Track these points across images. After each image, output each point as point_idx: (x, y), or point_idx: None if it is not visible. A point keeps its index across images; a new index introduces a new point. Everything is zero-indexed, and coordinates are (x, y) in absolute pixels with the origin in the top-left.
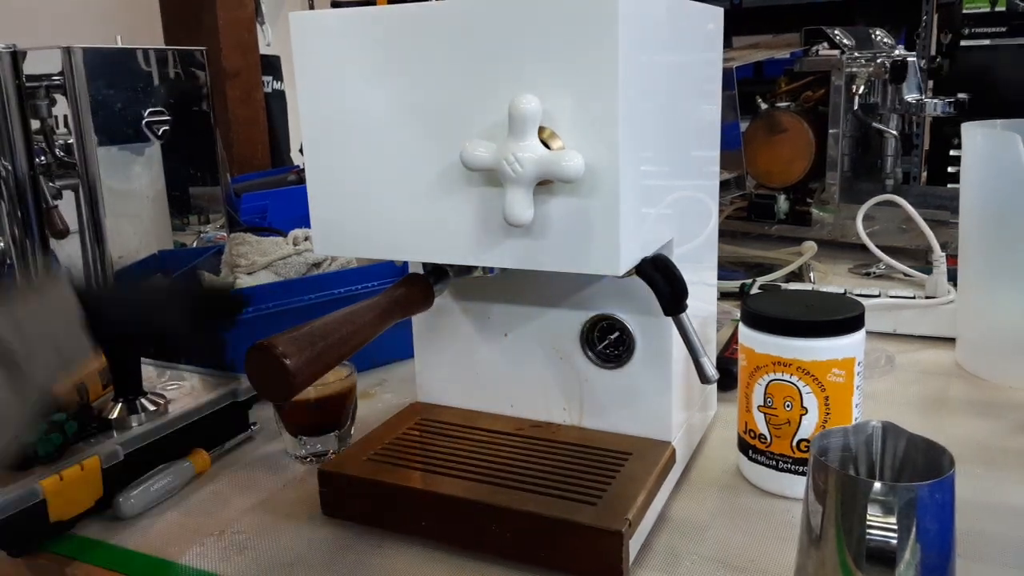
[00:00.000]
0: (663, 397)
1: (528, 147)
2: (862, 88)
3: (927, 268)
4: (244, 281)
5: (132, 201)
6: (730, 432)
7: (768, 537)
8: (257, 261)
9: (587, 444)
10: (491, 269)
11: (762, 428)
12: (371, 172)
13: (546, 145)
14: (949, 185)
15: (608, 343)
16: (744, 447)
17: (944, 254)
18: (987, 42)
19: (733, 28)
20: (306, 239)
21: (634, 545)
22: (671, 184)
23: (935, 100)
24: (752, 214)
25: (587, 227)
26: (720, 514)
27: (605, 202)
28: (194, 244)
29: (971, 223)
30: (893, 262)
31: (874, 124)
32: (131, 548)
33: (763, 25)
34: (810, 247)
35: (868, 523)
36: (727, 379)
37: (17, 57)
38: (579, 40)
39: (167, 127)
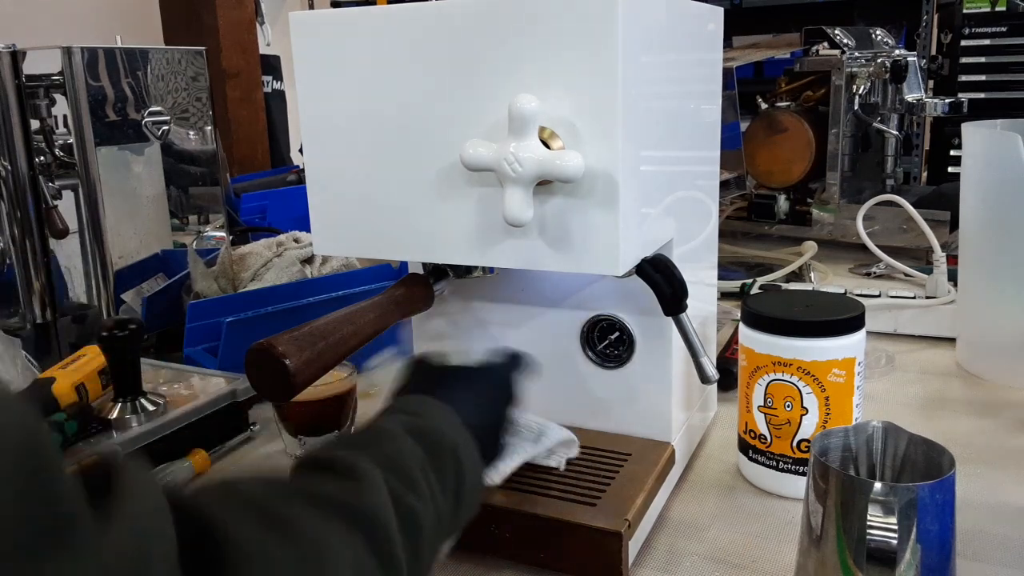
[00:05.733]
0: (663, 397)
1: (528, 147)
2: (862, 88)
3: (927, 268)
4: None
5: (132, 201)
6: (730, 432)
7: (768, 537)
8: (243, 277)
9: (587, 444)
10: (491, 269)
11: (762, 428)
12: (371, 172)
13: (546, 145)
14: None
15: (608, 343)
16: (744, 447)
17: (944, 254)
18: (987, 42)
19: (733, 28)
20: (295, 241)
21: (634, 545)
22: (671, 184)
23: (935, 100)
24: (752, 214)
25: (587, 227)
26: (720, 514)
27: (605, 202)
28: (193, 244)
29: (972, 223)
30: (893, 262)
31: (874, 124)
32: None
33: (763, 25)
34: (810, 247)
35: (869, 523)
36: (727, 379)
37: (17, 57)
38: (579, 40)
39: (167, 127)
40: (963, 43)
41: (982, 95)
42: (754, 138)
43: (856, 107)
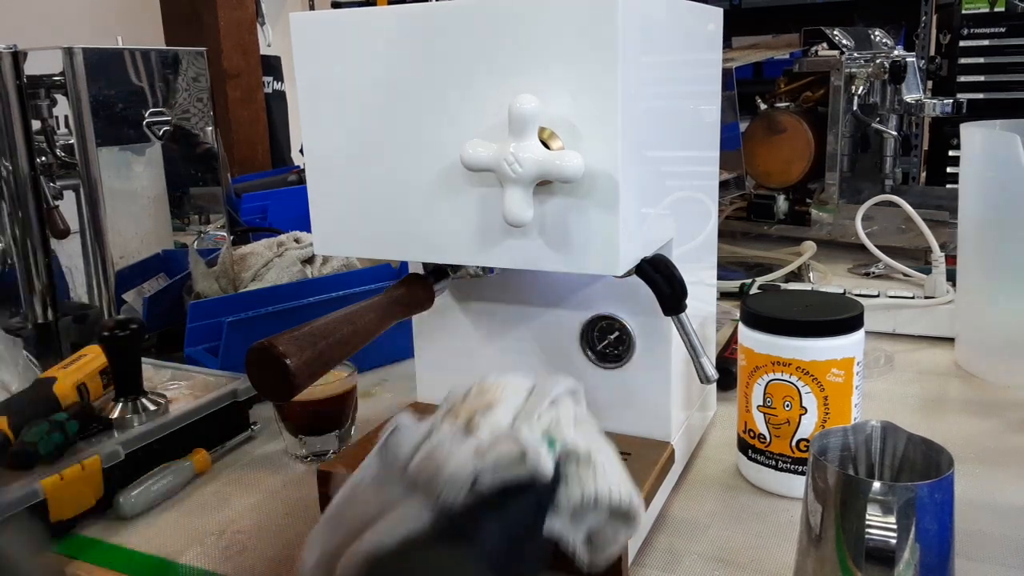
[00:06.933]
0: (662, 397)
1: (528, 147)
2: (861, 88)
3: (926, 268)
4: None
5: (133, 201)
6: (729, 432)
7: (767, 536)
8: (244, 277)
9: None
10: (491, 269)
11: (761, 428)
12: (371, 172)
13: (546, 145)
14: (948, 185)
15: (608, 343)
16: (743, 447)
17: (943, 254)
18: (986, 42)
19: (733, 28)
20: (296, 241)
21: (633, 544)
22: (671, 184)
23: (934, 100)
24: (751, 214)
25: (586, 227)
26: (719, 514)
27: (604, 202)
28: (194, 244)
29: (970, 223)
30: (892, 262)
31: (873, 124)
32: (131, 547)
33: (762, 25)
34: (809, 247)
35: (867, 523)
36: (727, 379)
37: (18, 57)
38: (579, 40)
39: (168, 128)
40: (962, 44)
41: (981, 95)
42: (753, 138)
43: (855, 107)
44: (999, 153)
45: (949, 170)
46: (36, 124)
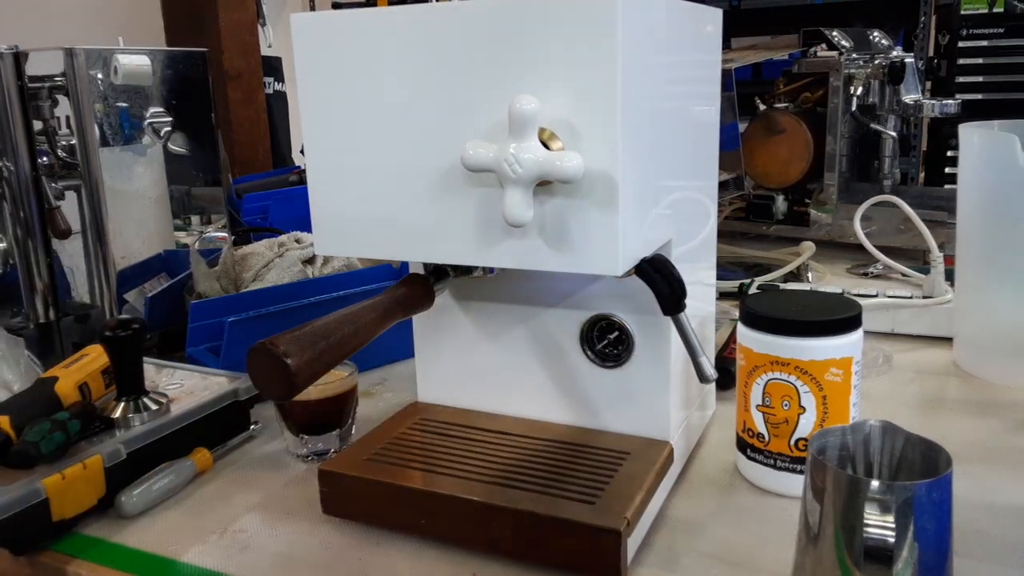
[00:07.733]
0: (662, 396)
1: (528, 148)
2: (860, 89)
3: (925, 268)
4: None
5: (134, 202)
6: (728, 431)
7: (766, 535)
8: (245, 278)
9: (586, 444)
10: (491, 269)
11: (760, 427)
12: (372, 173)
13: (546, 146)
14: (947, 186)
15: (607, 343)
16: (742, 446)
17: (942, 254)
18: (985, 43)
19: (732, 29)
20: (297, 241)
21: (632, 544)
22: (670, 184)
23: (933, 101)
24: (750, 214)
25: (586, 227)
26: (718, 513)
27: (604, 202)
28: (196, 244)
29: (969, 223)
30: (891, 262)
31: (872, 125)
32: (133, 547)
33: (762, 26)
34: (808, 247)
35: (866, 522)
36: (726, 378)
37: (20, 58)
38: (579, 41)
39: (169, 128)
40: (961, 44)
41: (979, 96)
42: (752, 139)
43: (854, 108)
44: (998, 154)
45: (948, 170)
46: (38, 124)
